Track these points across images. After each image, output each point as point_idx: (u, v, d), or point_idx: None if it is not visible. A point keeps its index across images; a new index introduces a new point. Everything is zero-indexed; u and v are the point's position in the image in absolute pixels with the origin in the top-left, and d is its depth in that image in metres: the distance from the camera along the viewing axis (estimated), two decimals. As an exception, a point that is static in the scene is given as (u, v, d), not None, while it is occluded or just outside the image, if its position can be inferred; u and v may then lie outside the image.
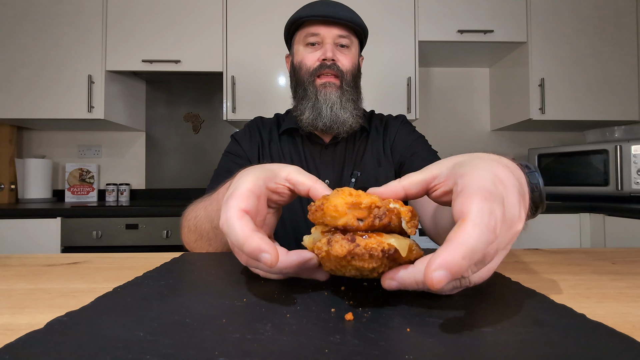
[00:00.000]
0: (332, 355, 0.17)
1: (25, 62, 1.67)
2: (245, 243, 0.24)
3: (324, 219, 0.25)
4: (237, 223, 0.25)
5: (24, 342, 0.18)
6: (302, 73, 0.78)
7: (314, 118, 0.75)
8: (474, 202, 0.20)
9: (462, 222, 0.20)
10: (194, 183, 2.06)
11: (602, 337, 0.19)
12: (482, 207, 0.20)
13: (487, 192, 0.20)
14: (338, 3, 0.78)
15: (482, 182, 0.21)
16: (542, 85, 1.73)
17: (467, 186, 0.21)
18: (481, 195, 0.20)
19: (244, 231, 0.25)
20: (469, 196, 0.20)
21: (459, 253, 0.18)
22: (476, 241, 0.19)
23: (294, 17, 0.78)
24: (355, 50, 0.80)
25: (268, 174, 0.31)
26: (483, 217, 0.19)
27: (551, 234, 1.49)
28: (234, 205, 0.27)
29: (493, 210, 0.20)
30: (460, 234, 0.19)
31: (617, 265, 0.38)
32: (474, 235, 0.19)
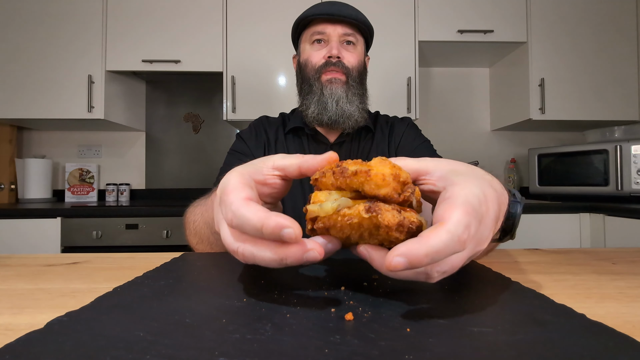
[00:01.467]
0: (332, 355, 0.17)
1: (25, 62, 1.67)
2: (264, 223, 0.22)
3: (365, 186, 0.24)
4: (246, 209, 0.23)
5: (24, 342, 0.18)
6: (308, 70, 0.79)
7: (319, 112, 0.76)
8: (456, 212, 0.21)
9: (439, 225, 0.21)
10: (194, 183, 2.06)
11: (602, 337, 0.19)
12: (461, 219, 0.21)
13: (470, 208, 0.22)
14: (343, 2, 0.79)
15: (469, 197, 0.22)
16: (542, 85, 1.73)
17: (455, 196, 0.23)
18: (465, 208, 0.22)
19: (257, 214, 0.22)
20: (454, 205, 0.22)
21: (424, 250, 0.20)
22: (444, 246, 0.20)
23: (301, 16, 0.80)
24: (360, 49, 0.80)
25: (252, 168, 0.29)
26: (458, 228, 0.20)
27: (551, 234, 1.49)
28: (235, 198, 0.24)
29: (469, 225, 0.21)
30: (433, 235, 0.20)
31: (617, 265, 0.38)
32: (444, 240, 0.20)
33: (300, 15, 0.80)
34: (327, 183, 0.26)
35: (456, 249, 0.20)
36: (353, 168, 0.24)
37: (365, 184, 0.24)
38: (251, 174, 0.28)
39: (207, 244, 0.51)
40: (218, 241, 0.49)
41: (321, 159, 0.28)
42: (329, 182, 0.26)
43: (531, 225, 1.49)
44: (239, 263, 0.37)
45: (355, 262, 0.36)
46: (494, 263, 0.40)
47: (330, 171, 0.26)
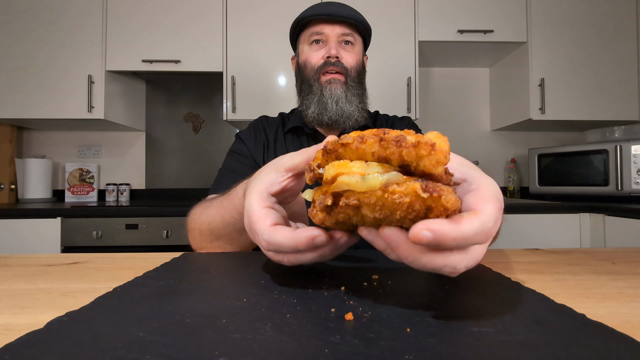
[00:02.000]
0: (332, 355, 0.17)
1: (25, 62, 1.67)
2: (297, 244, 0.25)
3: (424, 161, 0.21)
4: (276, 236, 0.27)
5: (24, 342, 0.18)
6: (307, 71, 0.79)
7: (319, 112, 0.76)
8: (490, 205, 0.22)
9: (472, 214, 0.21)
10: (194, 183, 2.06)
11: (602, 337, 0.19)
12: (493, 213, 0.21)
13: (500, 204, 0.23)
14: (341, 3, 0.79)
15: (498, 194, 0.23)
16: (542, 85, 1.73)
17: (484, 189, 0.23)
18: (497, 204, 0.22)
19: (287, 237, 0.26)
20: (486, 198, 0.22)
21: (454, 234, 0.20)
22: (473, 234, 0.20)
23: (298, 17, 0.80)
24: (359, 48, 0.81)
25: (268, 181, 0.31)
26: (490, 221, 0.21)
27: (551, 234, 1.49)
28: (262, 228, 0.28)
29: (498, 220, 0.22)
30: (466, 221, 0.20)
31: (617, 265, 0.38)
32: (475, 229, 0.20)
33: (298, 16, 0.80)
34: (365, 152, 0.22)
35: (481, 240, 0.21)
36: (412, 138, 0.21)
37: (426, 159, 0.21)
38: (269, 190, 0.31)
39: (226, 241, 0.51)
40: (242, 237, 0.49)
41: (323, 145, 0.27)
42: (369, 151, 0.22)
43: (531, 225, 1.49)
44: (238, 263, 0.38)
45: (355, 262, 0.36)
46: (494, 263, 0.40)
47: (376, 137, 0.21)
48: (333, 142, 0.23)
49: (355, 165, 0.22)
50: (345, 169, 0.22)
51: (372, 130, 0.22)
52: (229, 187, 0.52)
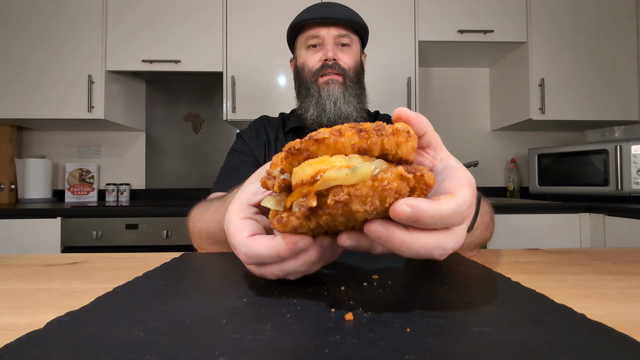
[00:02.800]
0: (332, 355, 0.17)
1: (25, 62, 1.67)
2: (279, 251, 0.24)
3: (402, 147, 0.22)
4: (256, 247, 0.25)
5: (24, 342, 0.18)
6: (305, 74, 0.79)
7: (318, 114, 0.76)
8: (465, 190, 0.23)
9: (449, 196, 0.22)
10: (194, 183, 2.06)
11: (602, 337, 0.19)
12: (468, 197, 0.23)
13: (473, 191, 0.24)
14: (336, 4, 0.79)
15: (471, 181, 0.25)
16: (542, 85, 1.73)
17: (460, 176, 0.24)
18: (471, 190, 0.23)
19: (267, 246, 0.25)
20: (462, 184, 0.23)
21: (431, 211, 0.21)
22: (449, 215, 0.21)
23: (294, 22, 0.80)
24: (356, 48, 0.80)
25: (249, 192, 0.30)
26: (465, 203, 0.22)
27: (551, 234, 1.49)
28: (240, 240, 0.26)
29: (472, 204, 0.23)
30: (443, 202, 0.21)
31: (617, 265, 0.38)
32: (451, 209, 0.21)
33: (293, 19, 0.80)
34: (345, 145, 0.21)
35: (457, 220, 0.22)
36: (389, 127, 0.22)
37: (403, 146, 0.22)
38: (250, 200, 0.30)
39: (224, 246, 0.51)
40: None
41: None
42: (349, 144, 0.21)
43: (531, 225, 1.49)
44: (239, 263, 0.38)
45: (355, 262, 0.36)
46: (494, 263, 0.40)
47: (353, 129, 0.21)
48: (303, 140, 0.22)
49: (337, 159, 0.21)
50: (326, 165, 0.21)
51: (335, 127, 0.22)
52: (231, 185, 0.52)
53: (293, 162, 0.23)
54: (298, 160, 0.22)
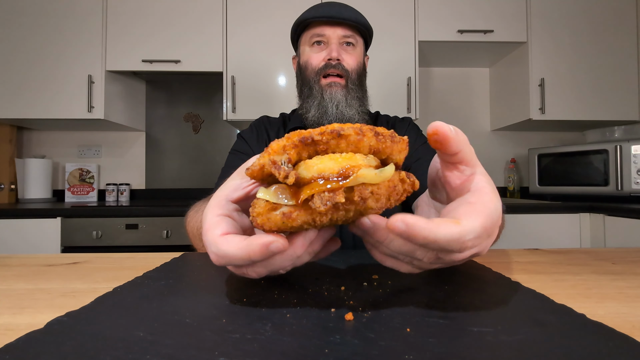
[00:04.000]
0: (332, 355, 0.17)
1: (25, 62, 1.67)
2: (250, 253, 0.22)
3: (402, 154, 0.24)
4: (226, 246, 0.23)
5: (24, 342, 0.18)
6: (308, 72, 0.79)
7: (319, 116, 0.76)
8: (475, 221, 0.22)
9: (454, 222, 0.21)
10: (194, 183, 2.06)
11: (602, 337, 0.19)
12: (476, 230, 0.21)
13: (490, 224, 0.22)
14: (342, 4, 0.79)
15: (493, 213, 0.23)
16: (542, 85, 1.73)
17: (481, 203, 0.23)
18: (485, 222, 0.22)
19: (238, 247, 0.23)
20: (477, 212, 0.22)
21: (426, 232, 0.20)
22: (446, 241, 0.21)
23: (300, 19, 0.80)
24: (360, 50, 0.81)
25: (229, 187, 0.28)
26: (469, 235, 0.21)
27: (551, 234, 1.49)
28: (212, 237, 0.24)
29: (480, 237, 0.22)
30: (444, 226, 0.21)
31: (617, 265, 0.38)
32: (450, 236, 0.20)
33: (299, 16, 0.80)
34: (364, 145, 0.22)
35: (454, 249, 0.21)
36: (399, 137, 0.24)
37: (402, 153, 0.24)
38: (229, 196, 0.28)
39: None
40: None
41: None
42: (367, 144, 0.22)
43: (531, 225, 1.49)
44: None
45: (355, 262, 0.36)
46: (493, 263, 0.40)
47: (372, 132, 0.22)
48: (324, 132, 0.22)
49: (360, 158, 0.22)
50: (352, 162, 0.22)
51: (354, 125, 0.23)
52: None
53: (302, 153, 0.22)
54: (308, 152, 0.22)
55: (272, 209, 0.22)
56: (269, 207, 0.22)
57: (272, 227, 0.22)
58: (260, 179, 0.25)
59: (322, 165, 0.21)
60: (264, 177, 0.24)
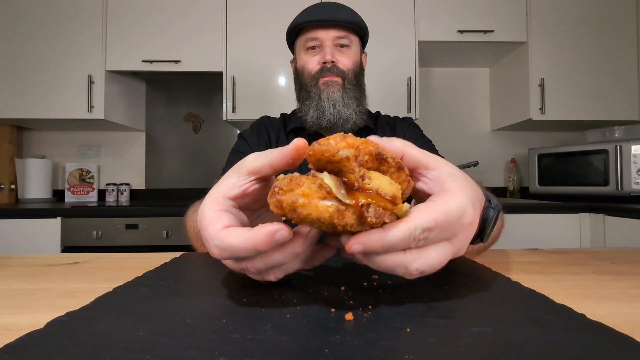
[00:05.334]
0: (332, 355, 0.17)
1: (25, 62, 1.67)
2: (255, 242, 0.22)
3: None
4: (230, 238, 0.23)
5: (24, 342, 0.18)
6: (305, 77, 0.79)
7: (317, 117, 0.76)
8: (425, 215, 0.22)
9: (402, 221, 0.22)
10: (194, 183, 2.06)
11: (602, 337, 0.19)
12: (425, 223, 0.22)
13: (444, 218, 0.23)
14: (334, 4, 0.79)
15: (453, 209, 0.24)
16: (542, 85, 1.73)
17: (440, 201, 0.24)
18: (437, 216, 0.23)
19: (243, 237, 0.23)
20: (429, 209, 0.23)
21: (380, 242, 0.21)
22: (399, 239, 0.22)
23: (292, 24, 0.80)
24: (355, 49, 0.80)
25: (227, 185, 0.28)
26: (417, 229, 0.22)
27: (551, 234, 1.49)
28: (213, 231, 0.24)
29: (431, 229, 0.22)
30: (393, 229, 0.22)
31: (617, 265, 0.38)
32: (400, 235, 0.22)
33: (292, 21, 0.80)
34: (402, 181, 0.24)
35: (409, 244, 0.22)
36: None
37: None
38: (226, 193, 0.27)
39: None
40: None
41: (289, 149, 0.26)
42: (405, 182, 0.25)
43: (531, 225, 1.49)
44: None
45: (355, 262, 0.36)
46: (494, 263, 0.40)
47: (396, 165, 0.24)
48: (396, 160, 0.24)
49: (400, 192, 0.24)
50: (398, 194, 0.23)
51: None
52: None
53: (369, 163, 0.23)
54: (372, 165, 0.24)
55: (322, 198, 0.21)
56: (320, 195, 0.21)
57: (311, 214, 0.21)
58: (316, 160, 0.23)
59: (381, 183, 0.23)
60: (322, 162, 0.23)
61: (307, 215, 0.21)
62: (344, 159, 0.22)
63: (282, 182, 0.22)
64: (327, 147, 0.22)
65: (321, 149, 0.22)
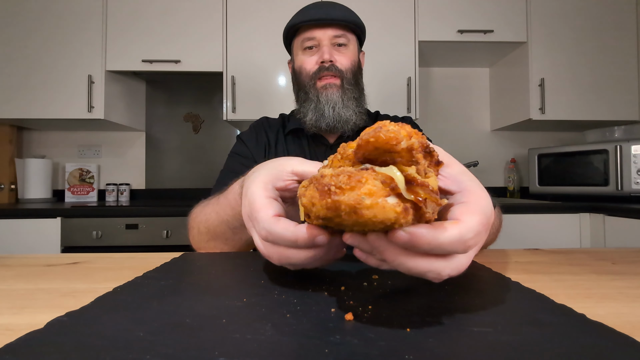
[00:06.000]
0: (332, 355, 0.17)
1: (26, 62, 1.67)
2: (298, 238, 0.25)
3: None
4: (278, 227, 0.26)
5: (24, 342, 0.18)
6: (303, 77, 0.79)
7: (317, 119, 0.76)
8: (474, 218, 0.22)
9: (453, 223, 0.22)
10: (194, 183, 2.06)
11: (602, 337, 0.19)
12: (475, 227, 0.22)
13: (485, 219, 0.23)
14: (331, 3, 0.78)
15: (486, 209, 0.24)
16: (542, 85, 1.73)
17: (474, 202, 0.24)
18: (481, 218, 0.23)
19: (289, 230, 0.25)
20: (473, 211, 0.23)
21: (429, 238, 0.20)
22: (449, 242, 0.21)
23: (289, 24, 0.79)
24: (353, 48, 0.80)
25: (274, 174, 0.31)
26: (469, 233, 0.22)
27: (551, 234, 1.49)
28: (265, 216, 0.27)
29: (479, 233, 0.22)
30: (443, 230, 0.21)
31: (617, 265, 0.38)
32: (452, 238, 0.21)
33: (289, 21, 0.80)
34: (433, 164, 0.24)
35: (458, 249, 0.21)
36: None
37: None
38: (273, 182, 0.30)
39: (221, 241, 0.51)
40: (236, 236, 0.49)
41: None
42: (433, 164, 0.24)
43: (531, 225, 1.49)
44: (239, 263, 0.38)
45: (355, 262, 0.36)
46: (493, 263, 0.40)
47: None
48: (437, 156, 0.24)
49: None
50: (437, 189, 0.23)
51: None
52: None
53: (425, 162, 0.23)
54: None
55: (386, 195, 0.19)
56: (385, 193, 0.19)
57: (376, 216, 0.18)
58: (369, 147, 0.21)
59: (431, 181, 0.22)
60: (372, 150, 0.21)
61: (372, 218, 0.18)
62: (405, 149, 0.20)
63: (339, 179, 0.19)
64: (395, 135, 0.20)
65: (388, 136, 0.20)
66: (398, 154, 0.20)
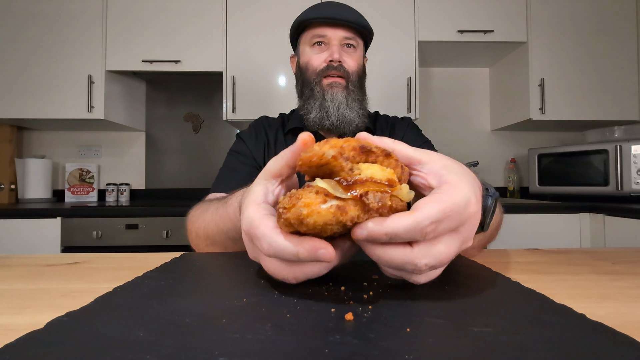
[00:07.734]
0: (332, 355, 0.17)
1: (25, 62, 1.67)
2: (300, 251, 0.23)
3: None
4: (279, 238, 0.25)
5: (24, 342, 0.18)
6: (309, 74, 0.79)
7: (321, 117, 0.76)
8: (432, 207, 0.22)
9: (409, 212, 0.22)
10: (194, 183, 2.06)
11: (602, 337, 0.19)
12: (431, 214, 0.22)
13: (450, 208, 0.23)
14: (343, 4, 0.79)
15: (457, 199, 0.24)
16: (542, 85, 1.73)
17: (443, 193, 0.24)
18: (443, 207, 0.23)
19: (291, 241, 0.24)
20: (436, 201, 0.23)
21: (384, 230, 0.21)
22: (404, 230, 0.22)
23: (300, 18, 0.79)
24: (360, 52, 0.80)
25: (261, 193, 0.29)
26: (425, 221, 0.22)
27: (551, 234, 1.49)
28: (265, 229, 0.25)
29: (440, 221, 0.22)
30: (396, 219, 0.22)
31: (617, 265, 0.38)
32: (406, 226, 0.22)
33: (299, 16, 0.80)
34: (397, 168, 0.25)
35: (416, 237, 0.22)
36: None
37: None
38: (265, 200, 0.29)
39: (221, 247, 0.52)
40: (237, 246, 0.49)
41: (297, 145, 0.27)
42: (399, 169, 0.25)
43: (531, 225, 1.49)
44: (238, 263, 0.38)
45: (355, 262, 0.36)
46: (494, 263, 0.40)
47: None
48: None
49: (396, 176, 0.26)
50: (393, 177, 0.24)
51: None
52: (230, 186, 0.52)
53: (356, 158, 0.24)
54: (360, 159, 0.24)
55: (323, 202, 0.22)
56: (320, 200, 0.22)
57: (317, 221, 0.22)
58: (307, 167, 0.24)
59: (373, 171, 0.24)
60: (313, 168, 0.24)
61: (315, 223, 0.22)
62: (330, 159, 0.23)
63: (284, 201, 0.23)
64: (313, 153, 0.23)
65: (308, 156, 0.24)
66: (328, 165, 0.23)
